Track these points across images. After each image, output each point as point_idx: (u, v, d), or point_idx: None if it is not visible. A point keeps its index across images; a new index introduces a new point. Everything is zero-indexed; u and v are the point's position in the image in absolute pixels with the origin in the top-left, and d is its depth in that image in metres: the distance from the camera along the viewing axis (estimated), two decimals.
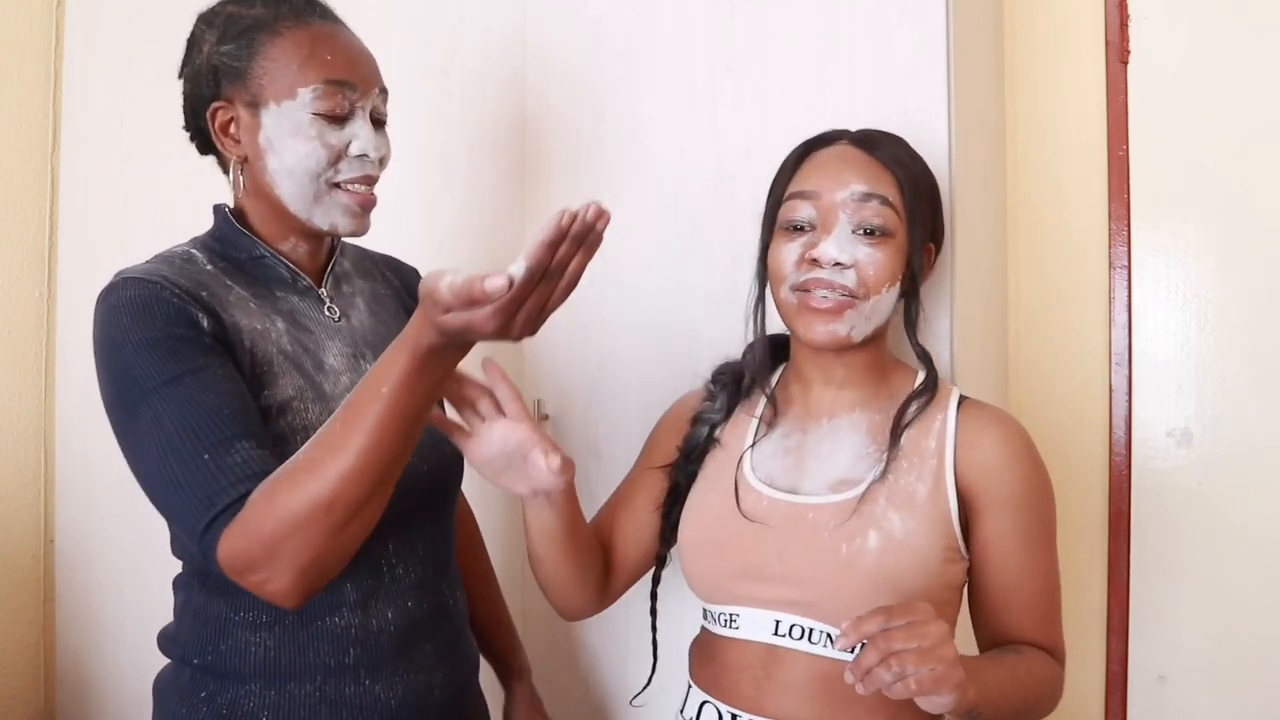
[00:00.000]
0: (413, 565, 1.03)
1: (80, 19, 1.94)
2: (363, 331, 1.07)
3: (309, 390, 0.97)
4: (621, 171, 1.45)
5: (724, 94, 1.37)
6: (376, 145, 1.01)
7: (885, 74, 1.25)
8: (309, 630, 0.96)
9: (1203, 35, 1.50)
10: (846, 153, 1.02)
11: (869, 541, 0.94)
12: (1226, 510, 1.48)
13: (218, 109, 1.00)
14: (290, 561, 0.82)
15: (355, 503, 0.81)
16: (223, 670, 0.97)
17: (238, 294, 0.98)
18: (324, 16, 1.01)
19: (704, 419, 1.10)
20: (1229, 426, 1.48)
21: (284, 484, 0.81)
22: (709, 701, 1.01)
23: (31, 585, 1.92)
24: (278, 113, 0.97)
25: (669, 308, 1.41)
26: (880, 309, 1.00)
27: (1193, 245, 1.51)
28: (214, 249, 1.02)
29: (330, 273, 1.08)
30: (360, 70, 1.00)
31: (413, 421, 0.82)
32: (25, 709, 1.91)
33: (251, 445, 0.86)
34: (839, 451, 1.01)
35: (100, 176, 1.90)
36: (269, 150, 0.98)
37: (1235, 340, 1.49)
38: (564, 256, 0.75)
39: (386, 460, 0.81)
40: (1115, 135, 1.54)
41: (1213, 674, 1.48)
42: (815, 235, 0.99)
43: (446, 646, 1.06)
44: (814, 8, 1.30)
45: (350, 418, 0.81)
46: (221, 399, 0.87)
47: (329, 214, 1.00)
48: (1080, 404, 1.57)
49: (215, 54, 0.99)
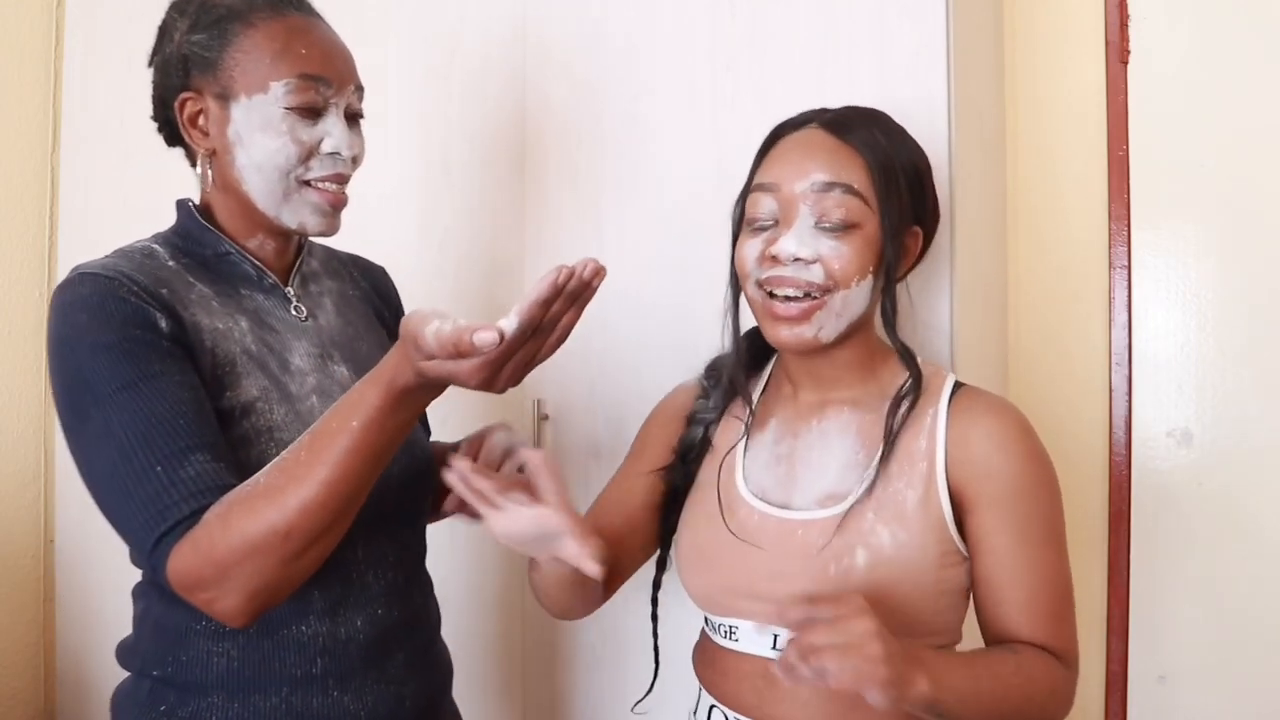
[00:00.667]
0: (383, 572, 0.99)
1: (80, 19, 1.94)
2: (330, 331, 1.04)
3: (274, 391, 0.94)
4: (621, 171, 1.45)
5: (724, 94, 1.37)
6: (349, 143, 0.97)
7: (885, 74, 1.25)
8: (274, 639, 0.92)
9: (1203, 35, 1.50)
10: (813, 138, 0.96)
11: (856, 560, 0.90)
12: (1226, 510, 1.48)
13: (186, 99, 0.96)
14: (241, 585, 0.80)
15: (313, 533, 0.79)
16: (183, 682, 0.92)
17: (199, 292, 0.94)
18: (300, 9, 0.98)
19: (699, 419, 1.07)
20: (1229, 426, 1.48)
21: (241, 508, 0.79)
22: (716, 706, 1.00)
23: (31, 585, 1.92)
24: (248, 106, 0.93)
25: (669, 307, 1.41)
26: (853, 304, 0.94)
27: (1193, 245, 1.51)
28: (177, 245, 0.99)
29: (297, 271, 1.04)
30: (335, 66, 0.97)
31: (380, 457, 0.81)
32: (25, 709, 1.91)
33: (206, 458, 0.83)
34: (829, 460, 0.98)
35: (100, 176, 1.90)
36: (238, 144, 0.95)
37: (1235, 340, 1.49)
38: (556, 313, 0.74)
39: (349, 494, 0.80)
40: (1115, 135, 1.54)
41: (1213, 674, 1.48)
42: (776, 230, 0.95)
43: (418, 655, 1.03)
44: (814, 8, 1.30)
45: (317, 447, 0.79)
46: (177, 407, 0.83)
47: (297, 212, 0.97)
48: (1080, 404, 1.57)
49: (186, 43, 0.95)
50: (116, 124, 1.88)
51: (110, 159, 1.88)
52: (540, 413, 1.49)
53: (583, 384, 1.47)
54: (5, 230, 1.92)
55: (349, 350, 1.05)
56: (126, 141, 1.86)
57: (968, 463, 0.92)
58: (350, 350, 1.05)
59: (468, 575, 1.55)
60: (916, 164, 0.99)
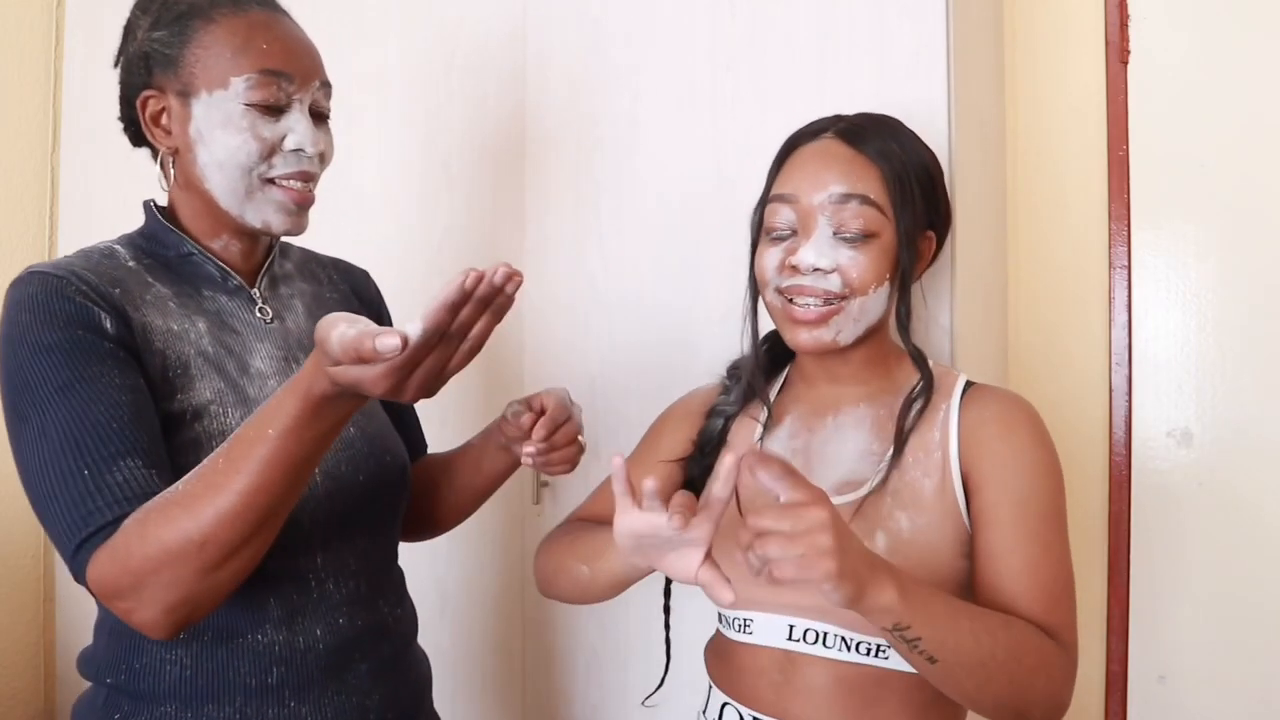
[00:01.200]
0: (344, 580, 0.97)
1: (80, 19, 1.94)
2: (298, 334, 1.02)
3: (229, 394, 0.92)
4: (621, 171, 1.45)
5: (724, 94, 1.37)
6: (314, 140, 0.95)
7: (885, 74, 1.25)
8: (229, 648, 0.90)
9: (1203, 35, 1.50)
10: (830, 149, 0.99)
11: (876, 543, 0.92)
12: (1227, 510, 1.48)
13: (149, 98, 0.95)
14: (157, 596, 0.77)
15: (231, 544, 0.77)
16: (137, 690, 0.90)
17: (157, 292, 0.93)
18: (263, 4, 0.95)
19: (719, 411, 1.08)
20: (1229, 426, 1.48)
21: (157, 515, 0.77)
22: (730, 704, 0.99)
23: (31, 585, 1.92)
24: (209, 102, 0.92)
25: (669, 307, 1.41)
26: (870, 309, 0.98)
27: (1193, 245, 1.51)
28: (140, 245, 0.97)
29: (265, 273, 1.03)
30: (299, 62, 0.95)
31: (300, 467, 0.77)
32: (25, 709, 1.91)
33: (136, 464, 0.80)
34: (844, 451, 1.00)
35: (100, 176, 1.90)
36: (199, 142, 0.93)
37: (1235, 340, 1.49)
38: (467, 319, 0.71)
39: (268, 505, 0.77)
40: (1115, 135, 1.54)
41: (1213, 674, 1.48)
42: (795, 240, 0.98)
43: (384, 666, 1.00)
44: (814, 8, 1.30)
45: (235, 455, 0.76)
46: (111, 411, 0.81)
47: (261, 211, 0.95)
48: (1080, 404, 1.57)
49: (148, 40, 0.94)
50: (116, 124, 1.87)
51: (110, 159, 1.88)
52: None
53: (583, 384, 1.47)
54: (5, 230, 1.92)
55: None
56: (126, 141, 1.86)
57: (976, 444, 0.94)
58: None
59: (467, 575, 1.55)
60: (929, 169, 1.02)
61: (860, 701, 0.91)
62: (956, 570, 0.93)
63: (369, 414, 1.04)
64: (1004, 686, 0.82)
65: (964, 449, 0.95)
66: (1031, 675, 0.83)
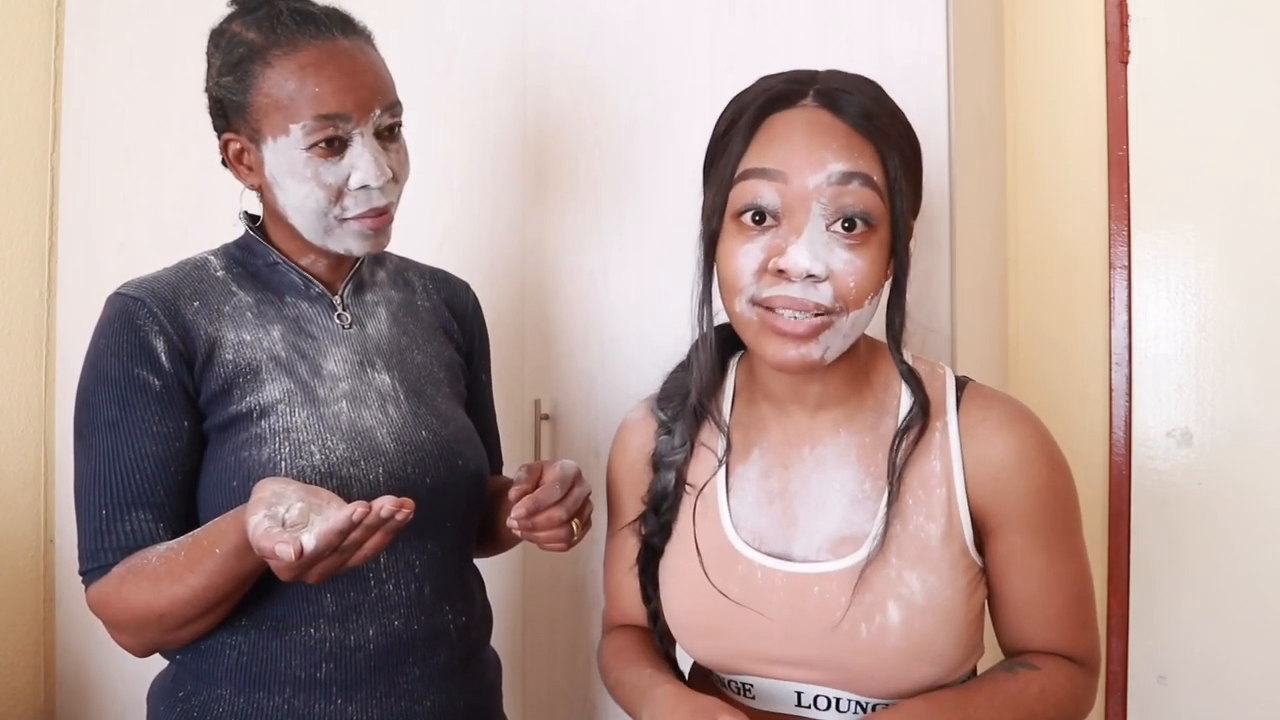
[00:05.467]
0: (406, 582, 0.99)
1: (80, 19, 1.94)
2: (376, 340, 1.05)
3: (298, 394, 0.97)
4: (621, 171, 1.45)
5: (724, 94, 1.37)
6: (378, 172, 0.95)
7: (885, 75, 1.24)
8: (282, 639, 0.94)
9: (1203, 35, 1.50)
10: (817, 119, 0.81)
11: (890, 618, 0.81)
12: (1226, 510, 1.48)
13: (229, 140, 1.00)
14: (131, 638, 0.92)
15: (185, 618, 0.89)
16: (198, 670, 0.96)
17: (238, 302, 1.00)
18: (319, 36, 0.94)
19: (667, 462, 0.93)
20: (1229, 426, 1.48)
21: (132, 579, 0.89)
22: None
23: (31, 585, 1.91)
24: (274, 149, 0.95)
25: (669, 307, 1.41)
26: (860, 323, 0.83)
27: (1193, 245, 1.51)
28: (234, 255, 1.04)
29: (350, 280, 1.07)
30: (353, 97, 0.94)
31: (247, 576, 0.88)
32: (25, 709, 1.91)
33: (146, 517, 0.92)
34: (830, 495, 0.87)
35: (100, 176, 1.89)
36: (275, 185, 0.98)
37: (1235, 340, 1.49)
38: (357, 539, 0.78)
39: (216, 600, 0.88)
40: (1115, 135, 1.54)
41: (1213, 674, 1.48)
42: (781, 235, 0.80)
43: (439, 674, 1.00)
44: (814, 8, 1.30)
45: (192, 555, 0.87)
46: (137, 461, 0.92)
47: (342, 241, 1.00)
48: (1080, 404, 1.57)
49: (219, 85, 0.99)
50: (116, 124, 1.87)
51: (110, 159, 1.88)
52: (540, 413, 1.49)
53: (583, 384, 1.47)
54: (5, 230, 1.92)
55: (396, 359, 1.06)
56: (126, 141, 1.86)
57: (991, 483, 0.84)
58: (399, 359, 1.06)
59: None
60: (915, 141, 0.88)
61: None
62: (968, 612, 0.85)
63: (445, 418, 1.06)
64: None
65: (973, 484, 0.85)
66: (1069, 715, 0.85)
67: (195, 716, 0.95)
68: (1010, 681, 0.84)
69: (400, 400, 1.03)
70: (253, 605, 0.94)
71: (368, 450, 0.97)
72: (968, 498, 0.84)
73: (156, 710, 1.00)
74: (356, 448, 0.97)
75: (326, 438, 0.96)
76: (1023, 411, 0.89)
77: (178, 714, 0.96)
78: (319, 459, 0.94)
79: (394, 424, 1.00)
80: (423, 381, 1.06)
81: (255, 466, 0.93)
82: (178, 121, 1.77)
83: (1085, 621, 0.88)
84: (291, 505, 0.78)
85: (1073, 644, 0.87)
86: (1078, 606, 0.88)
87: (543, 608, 1.50)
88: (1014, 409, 0.88)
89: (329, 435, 0.96)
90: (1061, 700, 0.84)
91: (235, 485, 0.93)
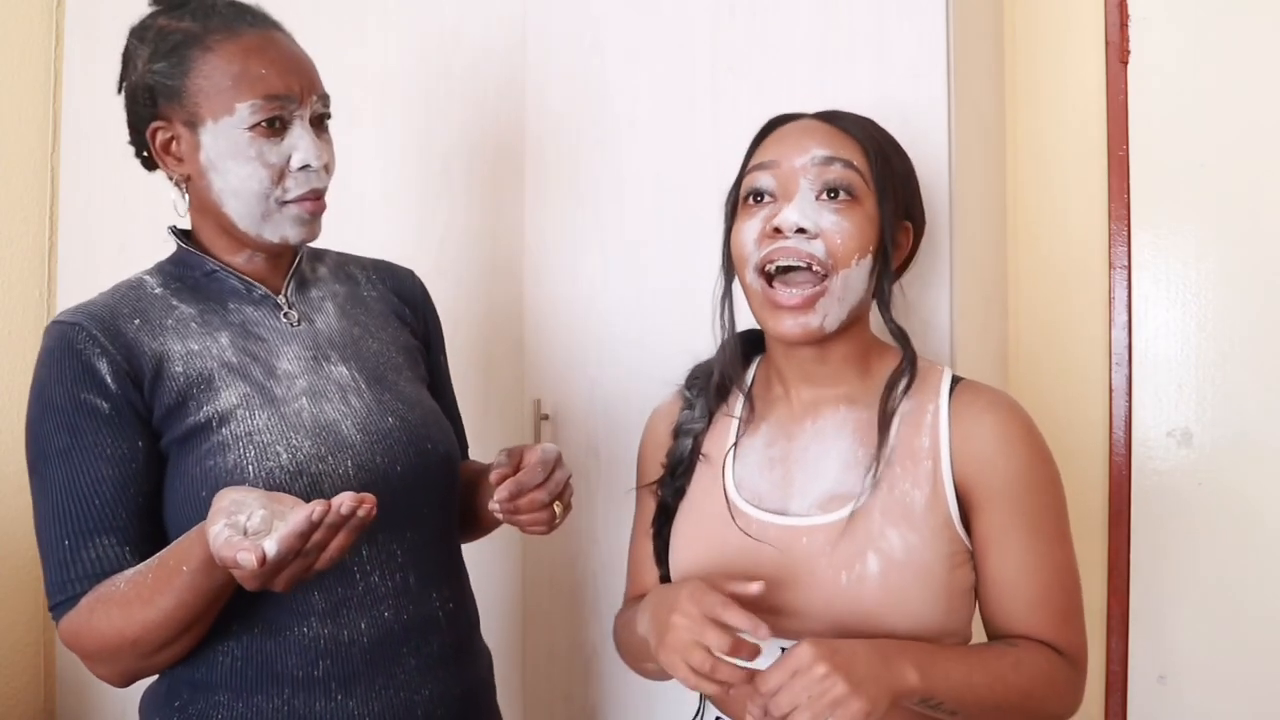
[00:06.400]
0: (391, 573, 0.98)
1: (80, 19, 1.94)
2: (328, 334, 1.05)
3: (255, 396, 0.96)
4: (621, 172, 1.45)
5: (724, 95, 1.37)
6: (318, 153, 0.98)
7: (885, 75, 1.25)
8: (277, 640, 0.94)
9: (1203, 35, 1.50)
10: (809, 124, 0.97)
11: (869, 566, 0.88)
12: (1226, 510, 1.48)
13: (157, 129, 0.99)
14: (106, 668, 0.91)
15: (159, 643, 0.87)
16: (193, 679, 0.95)
17: (180, 315, 0.98)
18: (256, 24, 0.98)
19: (686, 430, 1.03)
20: (1229, 426, 1.48)
21: (102, 607, 0.87)
22: (722, 717, 0.97)
23: (31, 585, 1.91)
24: (215, 130, 0.95)
25: (669, 307, 1.41)
26: (852, 286, 0.93)
27: (1193, 245, 1.51)
28: (169, 271, 1.03)
29: (291, 278, 1.06)
30: (297, 80, 0.97)
31: (217, 593, 0.86)
32: (25, 709, 1.91)
33: (110, 542, 0.90)
34: (826, 460, 0.95)
35: (100, 176, 1.90)
36: (211, 169, 0.96)
37: (1235, 340, 1.49)
38: (320, 540, 0.77)
39: (187, 619, 0.86)
40: (1115, 135, 1.54)
41: (1213, 674, 1.48)
42: (776, 205, 0.93)
43: (435, 661, 1.01)
44: (814, 9, 1.30)
45: (159, 577, 0.85)
46: (94, 486, 0.91)
47: (279, 228, 0.99)
48: (1080, 404, 1.56)
49: (149, 73, 0.97)
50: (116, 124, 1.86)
51: (110, 159, 1.88)
52: (540, 413, 1.49)
53: (583, 384, 1.47)
54: (5, 230, 1.92)
55: (351, 349, 1.05)
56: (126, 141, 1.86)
57: (974, 460, 0.91)
58: (354, 349, 1.05)
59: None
60: (907, 165, 1.00)
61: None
62: (949, 583, 0.90)
63: (412, 403, 1.05)
64: (1019, 718, 0.88)
65: (959, 460, 0.91)
66: (1044, 703, 0.88)
67: None
68: (985, 649, 0.90)
69: (361, 389, 1.02)
70: (242, 610, 0.93)
71: (334, 444, 0.96)
72: (953, 472, 0.91)
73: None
74: (323, 443, 0.96)
75: (291, 436, 0.95)
76: (1010, 401, 0.96)
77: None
78: (286, 459, 0.93)
79: (358, 414, 1.00)
80: (382, 368, 1.06)
81: (222, 474, 0.92)
82: None
83: (1068, 614, 0.92)
84: (253, 513, 0.77)
85: (1056, 634, 0.90)
86: (1061, 594, 0.91)
87: (543, 608, 1.50)
88: (1002, 397, 0.96)
89: (293, 434, 0.95)
90: (1036, 676, 0.87)
91: (204, 496, 0.90)
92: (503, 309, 1.52)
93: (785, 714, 0.77)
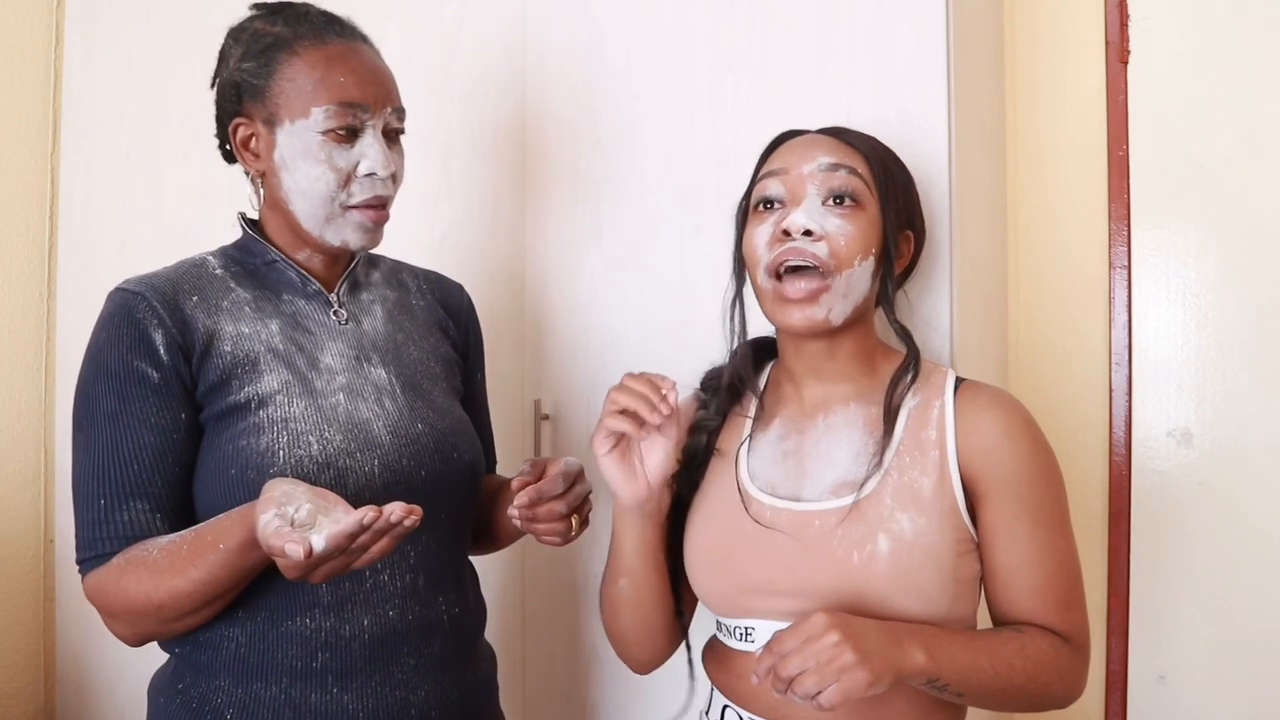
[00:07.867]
0: (401, 573, 1.01)
1: (80, 19, 1.94)
2: (373, 336, 1.09)
3: (296, 385, 0.99)
4: (621, 172, 1.45)
5: (724, 94, 1.37)
6: (386, 163, 1.02)
7: (885, 74, 1.25)
8: (278, 630, 0.96)
9: (1203, 35, 1.50)
10: (815, 137, 1.03)
11: (880, 546, 0.92)
12: (1226, 510, 1.48)
13: (239, 124, 1.03)
14: (125, 626, 0.94)
15: (183, 610, 0.91)
16: (198, 661, 0.98)
17: (236, 297, 1.02)
18: (343, 35, 1.03)
19: (701, 426, 1.07)
20: (1229, 426, 1.48)
21: (132, 569, 0.91)
22: (730, 706, 0.99)
23: (31, 585, 1.92)
24: (291, 131, 0.99)
25: (669, 308, 1.41)
26: (856, 285, 0.98)
27: (1193, 245, 1.51)
28: (231, 255, 1.07)
29: (346, 279, 1.10)
30: (373, 90, 1.01)
31: (248, 572, 0.89)
32: (25, 709, 1.91)
33: (144, 508, 0.94)
34: (837, 451, 0.99)
35: (100, 176, 1.90)
36: (283, 168, 1.01)
37: (1235, 340, 1.48)
38: (365, 542, 0.80)
39: (215, 593, 0.90)
40: (1115, 135, 1.54)
41: (1213, 674, 1.48)
42: (785, 210, 0.99)
43: (434, 664, 1.02)
44: (814, 9, 1.30)
45: (195, 549, 0.89)
46: (136, 452, 0.94)
47: (340, 231, 1.03)
48: (1080, 404, 1.57)
49: (239, 70, 1.02)
50: (116, 124, 1.88)
51: (110, 159, 1.88)
52: (540, 413, 1.49)
53: (583, 384, 1.47)
54: (5, 230, 1.92)
55: (393, 354, 1.09)
56: (126, 141, 1.86)
57: (979, 452, 0.95)
58: (395, 354, 1.09)
59: None
60: (907, 177, 1.05)
61: (867, 704, 0.90)
62: (955, 569, 0.94)
63: (441, 412, 1.08)
64: (1023, 701, 0.92)
65: (964, 450, 0.95)
66: (1048, 687, 0.92)
67: (194, 707, 0.97)
68: (992, 634, 0.93)
69: (396, 394, 1.05)
70: (248, 597, 0.95)
71: (364, 442, 0.99)
72: (959, 463, 0.95)
73: (157, 703, 1.02)
74: (353, 439, 0.99)
75: (324, 429, 0.98)
76: (1012, 397, 1.01)
77: (178, 705, 0.98)
78: (316, 449, 0.96)
79: (390, 417, 1.03)
80: (419, 376, 1.09)
81: (253, 455, 0.95)
82: (177, 121, 1.77)
83: (1071, 601, 0.95)
84: (301, 506, 0.80)
85: (1059, 620, 0.94)
86: (1064, 582, 0.95)
87: (543, 608, 1.50)
88: (1004, 394, 1.01)
89: (326, 426, 0.98)
90: (1043, 661, 0.91)
91: (233, 474, 0.95)
92: (503, 309, 1.52)
93: (793, 676, 0.80)
